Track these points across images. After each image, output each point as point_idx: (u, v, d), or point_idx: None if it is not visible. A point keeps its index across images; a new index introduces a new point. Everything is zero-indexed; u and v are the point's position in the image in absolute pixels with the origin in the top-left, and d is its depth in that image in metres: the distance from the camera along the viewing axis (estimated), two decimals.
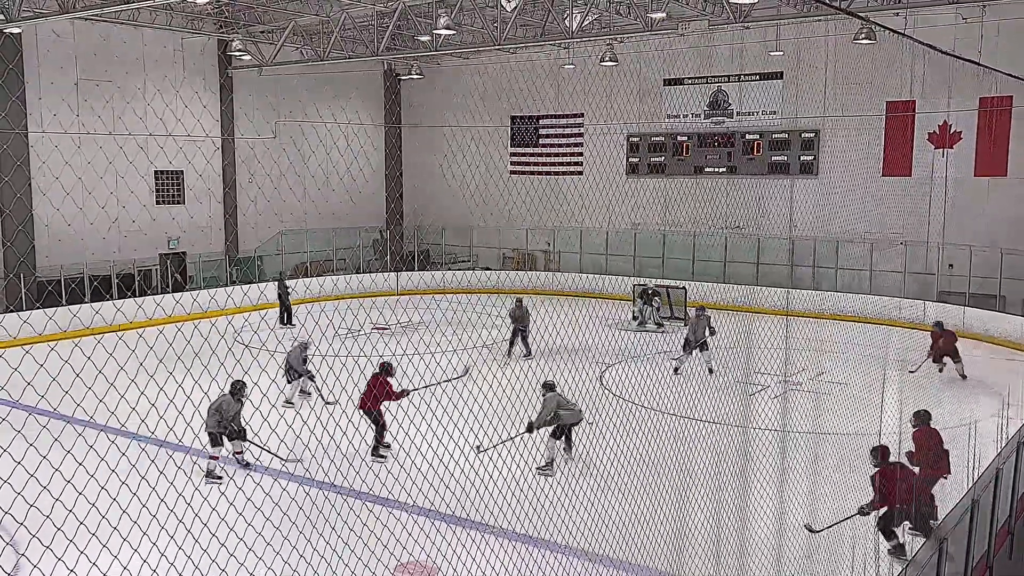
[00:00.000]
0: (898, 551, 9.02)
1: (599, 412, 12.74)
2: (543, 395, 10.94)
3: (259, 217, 27.15)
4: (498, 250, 31.45)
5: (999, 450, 9.73)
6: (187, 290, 24.35)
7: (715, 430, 11.02)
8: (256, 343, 18.44)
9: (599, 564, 8.19)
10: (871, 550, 8.78)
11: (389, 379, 11.88)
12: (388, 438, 11.62)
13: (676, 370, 16.70)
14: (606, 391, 16.23)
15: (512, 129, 31.26)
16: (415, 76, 27.94)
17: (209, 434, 11.07)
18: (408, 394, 11.43)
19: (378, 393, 11.49)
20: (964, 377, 16.79)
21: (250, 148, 27.30)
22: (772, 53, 24.18)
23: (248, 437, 11.17)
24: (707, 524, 8.52)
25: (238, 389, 10.99)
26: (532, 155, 31.07)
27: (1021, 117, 22.18)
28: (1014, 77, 15.43)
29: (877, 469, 9.02)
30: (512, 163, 31.51)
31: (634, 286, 24.00)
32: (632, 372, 16.83)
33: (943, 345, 16.92)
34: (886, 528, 9.07)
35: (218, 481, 10.86)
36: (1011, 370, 17.45)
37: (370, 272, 28.36)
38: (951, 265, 23.18)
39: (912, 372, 16.44)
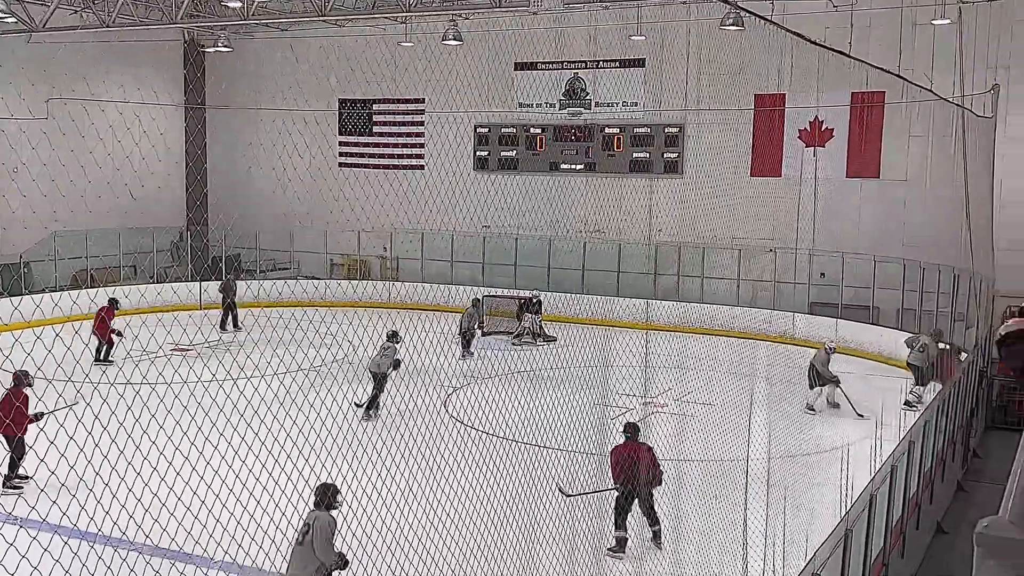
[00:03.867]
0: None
1: (442, 441, 12.66)
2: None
3: (27, 215, 25.61)
4: (325, 256, 30.92)
5: (872, 475, 10.32)
6: None
7: (570, 458, 11.19)
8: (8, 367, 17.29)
9: None
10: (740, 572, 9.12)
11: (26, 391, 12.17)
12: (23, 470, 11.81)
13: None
14: (451, 418, 16.21)
15: (341, 114, 30.87)
16: (222, 48, 27.11)
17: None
18: (42, 417, 11.21)
19: (18, 412, 11.65)
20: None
21: (1, 131, 25.69)
22: (633, 37, 24.93)
23: None
24: (560, 556, 8.62)
25: (331, 495, 8.59)
26: (365, 145, 30.76)
27: (894, 114, 23.78)
28: (884, 71, 16.51)
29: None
30: (341, 154, 31.10)
31: (519, 299, 24.53)
32: (480, 395, 16.87)
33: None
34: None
35: None
36: (885, 387, 18.62)
37: (168, 281, 27.39)
38: (823, 274, 24.55)
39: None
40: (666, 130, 27.00)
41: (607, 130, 27.71)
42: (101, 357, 20.30)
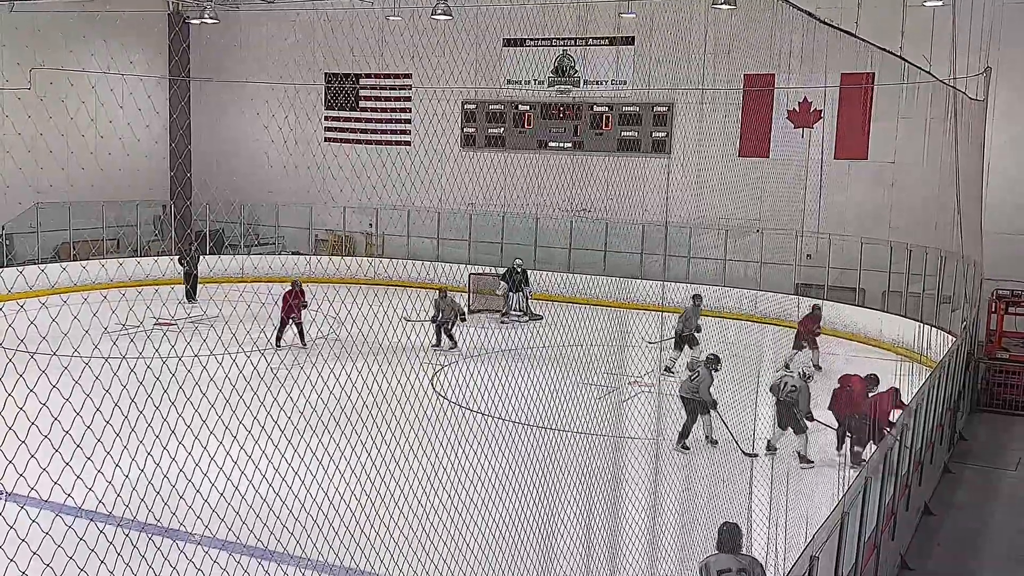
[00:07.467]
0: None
1: (433, 421, 12.58)
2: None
3: (7, 187, 25.30)
4: (309, 231, 30.66)
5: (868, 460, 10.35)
6: None
7: (581, 440, 11.11)
8: None
9: None
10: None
11: None
12: None
13: (668, 369, 17.76)
14: (440, 396, 16.12)
15: (327, 89, 30.56)
16: (208, 20, 26.73)
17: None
18: None
19: None
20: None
21: None
22: (623, 15, 24.74)
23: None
24: (576, 543, 8.57)
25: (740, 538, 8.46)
26: (351, 120, 30.49)
27: (883, 96, 23.74)
28: (891, 53, 16.46)
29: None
30: (327, 129, 30.83)
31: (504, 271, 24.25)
32: (470, 373, 16.78)
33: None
34: None
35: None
36: (870, 370, 18.60)
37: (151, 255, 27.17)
38: (809, 255, 24.56)
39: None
40: (655, 109, 26.87)
41: (596, 108, 27.55)
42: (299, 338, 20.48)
